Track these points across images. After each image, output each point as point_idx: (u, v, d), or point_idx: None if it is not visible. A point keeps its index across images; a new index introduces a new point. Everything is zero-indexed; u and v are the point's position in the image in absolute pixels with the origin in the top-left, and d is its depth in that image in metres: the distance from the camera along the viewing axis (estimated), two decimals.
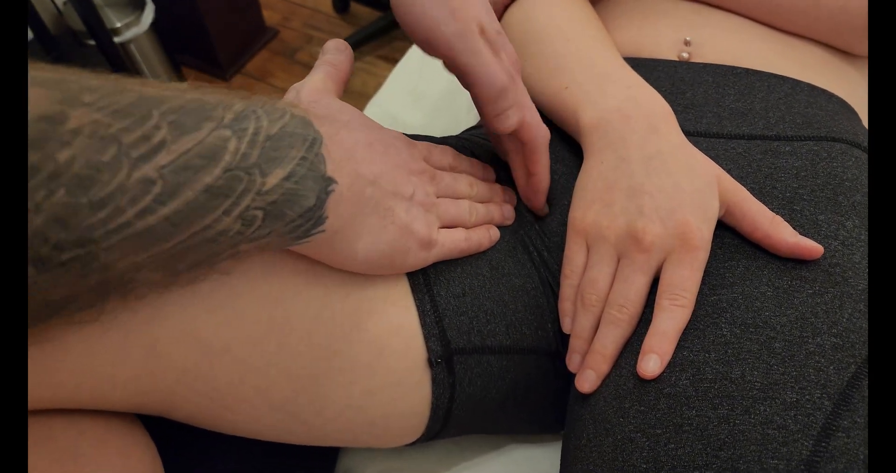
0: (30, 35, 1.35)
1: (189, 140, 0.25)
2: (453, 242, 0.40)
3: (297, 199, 0.29)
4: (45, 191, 0.21)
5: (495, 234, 0.43)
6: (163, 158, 0.24)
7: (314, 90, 0.37)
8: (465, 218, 0.41)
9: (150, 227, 0.24)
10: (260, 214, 0.28)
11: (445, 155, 0.43)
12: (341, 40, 0.42)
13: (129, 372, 0.31)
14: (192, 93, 0.27)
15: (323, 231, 0.31)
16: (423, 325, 0.38)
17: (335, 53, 0.41)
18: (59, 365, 0.29)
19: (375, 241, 0.35)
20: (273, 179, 0.28)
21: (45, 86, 0.22)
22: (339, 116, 0.36)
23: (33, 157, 0.21)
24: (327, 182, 0.30)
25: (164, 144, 0.24)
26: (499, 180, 0.47)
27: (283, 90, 0.42)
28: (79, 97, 0.23)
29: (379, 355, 0.37)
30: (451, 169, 0.43)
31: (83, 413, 0.31)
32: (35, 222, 0.21)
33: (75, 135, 0.22)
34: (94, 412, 0.32)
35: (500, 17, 0.58)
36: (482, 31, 0.37)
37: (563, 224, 0.44)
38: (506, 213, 0.45)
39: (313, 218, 0.30)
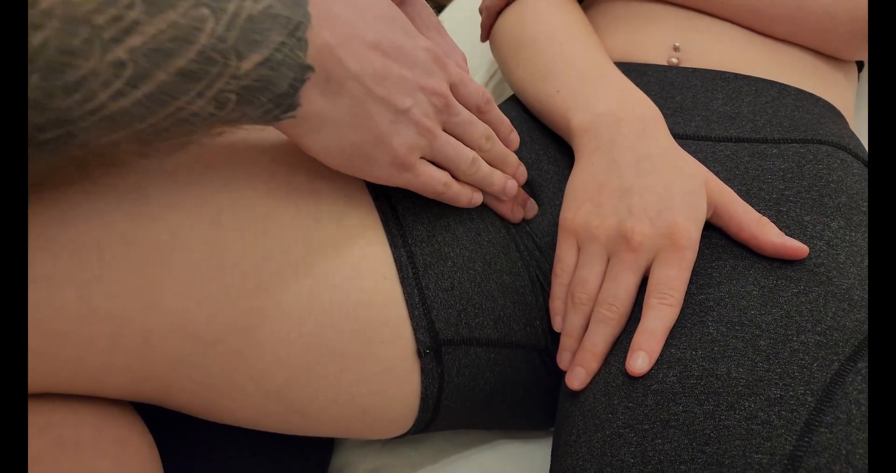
0: None
1: (162, 20, 0.24)
2: (430, 178, 0.38)
3: (270, 85, 0.29)
4: None
5: (478, 199, 0.42)
6: (135, 40, 0.24)
7: None
8: (462, 167, 0.39)
9: (124, 109, 0.24)
10: (233, 97, 0.28)
11: (477, 94, 0.39)
12: None
13: (123, 362, 0.31)
14: None
15: (293, 117, 0.31)
16: (412, 316, 0.39)
17: None
18: (54, 354, 0.30)
19: (340, 136, 0.33)
20: (248, 63, 0.27)
21: None
22: (361, 5, 0.33)
23: None
24: (304, 70, 0.30)
25: (136, 25, 0.24)
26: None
27: None
28: None
29: (368, 344, 0.37)
30: (478, 112, 0.40)
31: (83, 403, 0.32)
32: None
33: (46, 17, 0.22)
34: (93, 402, 0.32)
35: (493, 23, 0.59)
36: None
37: (554, 224, 0.45)
38: (508, 187, 0.43)
39: (284, 104, 0.30)
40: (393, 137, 0.34)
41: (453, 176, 0.40)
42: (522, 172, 0.44)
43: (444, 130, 0.38)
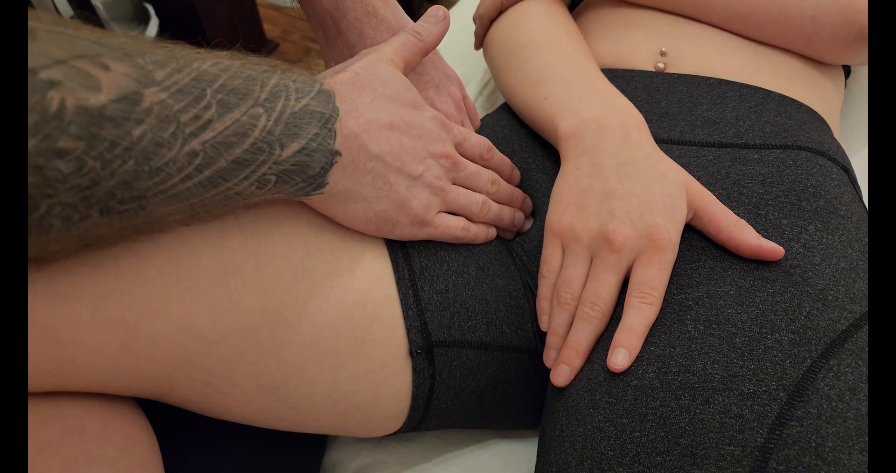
0: None
1: (229, 118, 0.29)
2: (448, 227, 0.42)
3: (305, 168, 0.33)
4: (120, 161, 0.26)
5: (493, 233, 0.46)
6: (207, 135, 0.28)
7: (378, 61, 0.40)
8: (474, 211, 0.44)
9: (188, 188, 0.29)
10: (273, 178, 0.32)
11: (479, 146, 0.45)
12: (443, 9, 0.45)
13: (132, 364, 0.33)
14: (237, 65, 0.31)
15: (322, 193, 0.36)
16: (406, 317, 0.40)
17: (428, 23, 0.44)
18: (69, 359, 0.31)
19: (366, 208, 0.38)
20: (289, 151, 0.32)
21: (124, 61, 0.26)
22: (377, 90, 0.39)
23: (114, 132, 0.25)
24: (333, 155, 0.35)
25: (210, 123, 0.29)
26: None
27: None
28: (152, 75, 0.27)
29: (362, 342, 0.38)
30: (481, 160, 0.46)
31: (89, 395, 0.33)
32: (108, 183, 0.26)
33: (147, 114, 0.26)
34: (99, 395, 0.34)
35: (486, 31, 0.60)
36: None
37: (541, 230, 0.46)
38: (517, 219, 0.47)
39: (315, 183, 0.35)
40: (411, 200, 0.40)
41: (469, 219, 0.44)
42: (528, 205, 0.50)
43: (456, 183, 0.43)
